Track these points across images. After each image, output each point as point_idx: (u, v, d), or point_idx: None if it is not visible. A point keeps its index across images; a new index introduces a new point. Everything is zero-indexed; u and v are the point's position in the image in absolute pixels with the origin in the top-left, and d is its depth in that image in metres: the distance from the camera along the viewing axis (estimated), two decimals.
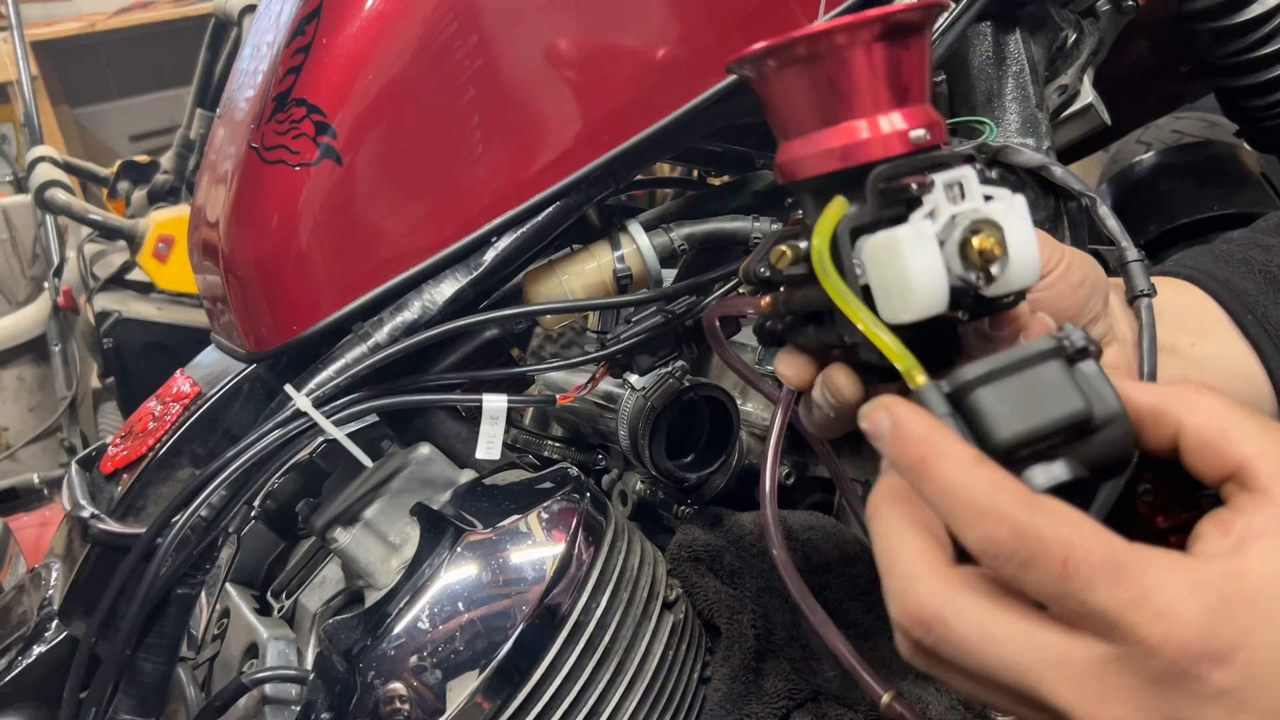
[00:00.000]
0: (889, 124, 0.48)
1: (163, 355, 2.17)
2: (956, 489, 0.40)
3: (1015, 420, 0.41)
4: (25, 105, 3.05)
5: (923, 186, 0.46)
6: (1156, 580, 0.38)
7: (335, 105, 0.67)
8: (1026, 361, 0.42)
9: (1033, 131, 1.03)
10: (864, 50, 0.47)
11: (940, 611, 0.40)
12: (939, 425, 0.41)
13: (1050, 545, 0.38)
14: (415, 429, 0.79)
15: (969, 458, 0.40)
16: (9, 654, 0.70)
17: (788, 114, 0.50)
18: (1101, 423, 0.42)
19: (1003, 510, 0.39)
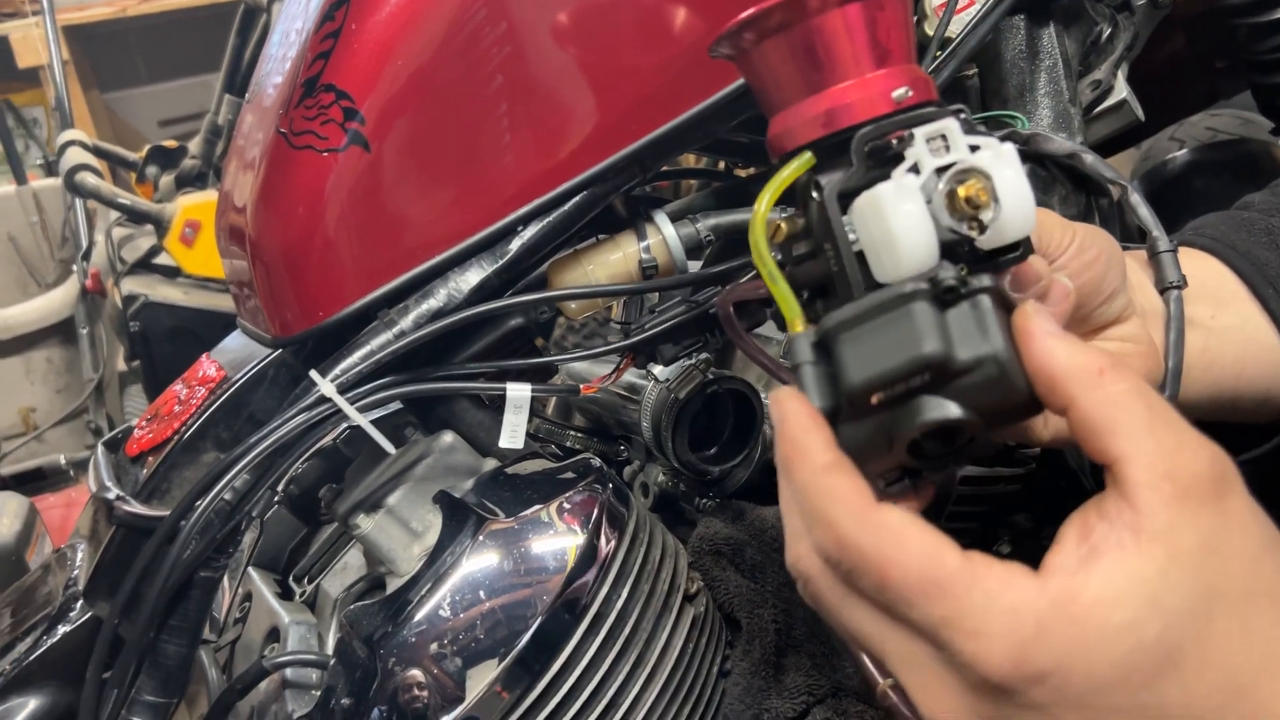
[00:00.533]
0: (870, 85, 0.47)
1: (188, 339, 2.18)
2: (803, 492, 0.42)
3: (863, 365, 0.42)
4: (56, 89, 3.08)
5: (903, 141, 0.45)
6: (976, 601, 0.39)
7: (364, 91, 0.67)
8: (888, 304, 0.42)
9: (1065, 127, 1.02)
10: (838, 13, 0.46)
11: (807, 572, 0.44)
12: (809, 426, 0.42)
13: (869, 560, 0.40)
14: (438, 417, 0.79)
15: (821, 464, 0.42)
16: (34, 633, 0.70)
17: (770, 88, 0.50)
18: (968, 365, 0.41)
19: (832, 520, 0.41)
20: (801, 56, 0.47)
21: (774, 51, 0.48)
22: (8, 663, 0.69)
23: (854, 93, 0.47)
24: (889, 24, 0.47)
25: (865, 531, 0.40)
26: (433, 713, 0.66)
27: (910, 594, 0.40)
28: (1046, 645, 0.38)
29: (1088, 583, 0.38)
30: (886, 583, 0.40)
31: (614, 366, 0.81)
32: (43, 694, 0.69)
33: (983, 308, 0.42)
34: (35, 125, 4.22)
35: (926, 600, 0.39)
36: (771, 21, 0.47)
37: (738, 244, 0.91)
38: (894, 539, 0.40)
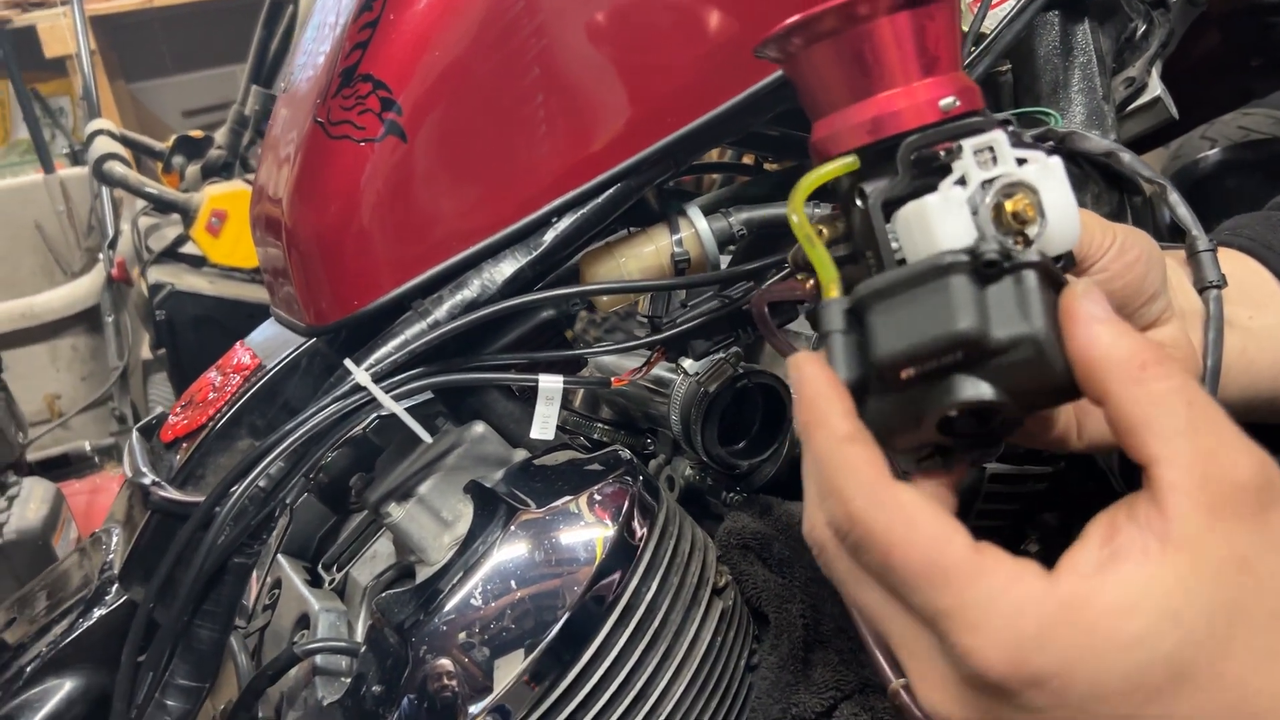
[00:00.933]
0: (918, 94, 0.47)
1: (213, 328, 2.20)
2: (820, 460, 0.42)
3: (894, 339, 0.41)
4: (84, 79, 3.10)
5: (951, 153, 0.45)
6: (979, 595, 0.38)
7: (401, 81, 0.67)
8: (925, 275, 0.41)
9: (1098, 124, 1.01)
10: (887, 20, 0.46)
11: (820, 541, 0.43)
12: (828, 393, 0.42)
13: (876, 538, 0.39)
14: (469, 407, 0.79)
15: (840, 434, 0.41)
16: (70, 615, 0.71)
17: (817, 92, 0.50)
18: (1004, 345, 0.40)
19: (844, 493, 0.40)
20: (849, 62, 0.47)
21: (821, 57, 0.48)
22: (44, 645, 0.70)
23: (901, 101, 0.46)
24: (938, 32, 0.47)
25: (875, 509, 0.40)
26: (462, 702, 0.67)
27: (912, 578, 0.39)
28: (1047, 649, 0.37)
29: (1103, 588, 0.37)
30: (890, 563, 0.39)
31: (644, 360, 0.81)
32: (78, 676, 0.69)
33: (1026, 285, 0.40)
34: (61, 114, 4.25)
35: (928, 587, 0.39)
36: (821, 27, 0.47)
37: (770, 239, 0.91)
38: (903, 519, 0.39)
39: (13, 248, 3.56)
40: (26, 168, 4.02)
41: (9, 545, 1.84)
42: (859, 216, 0.48)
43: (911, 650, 0.41)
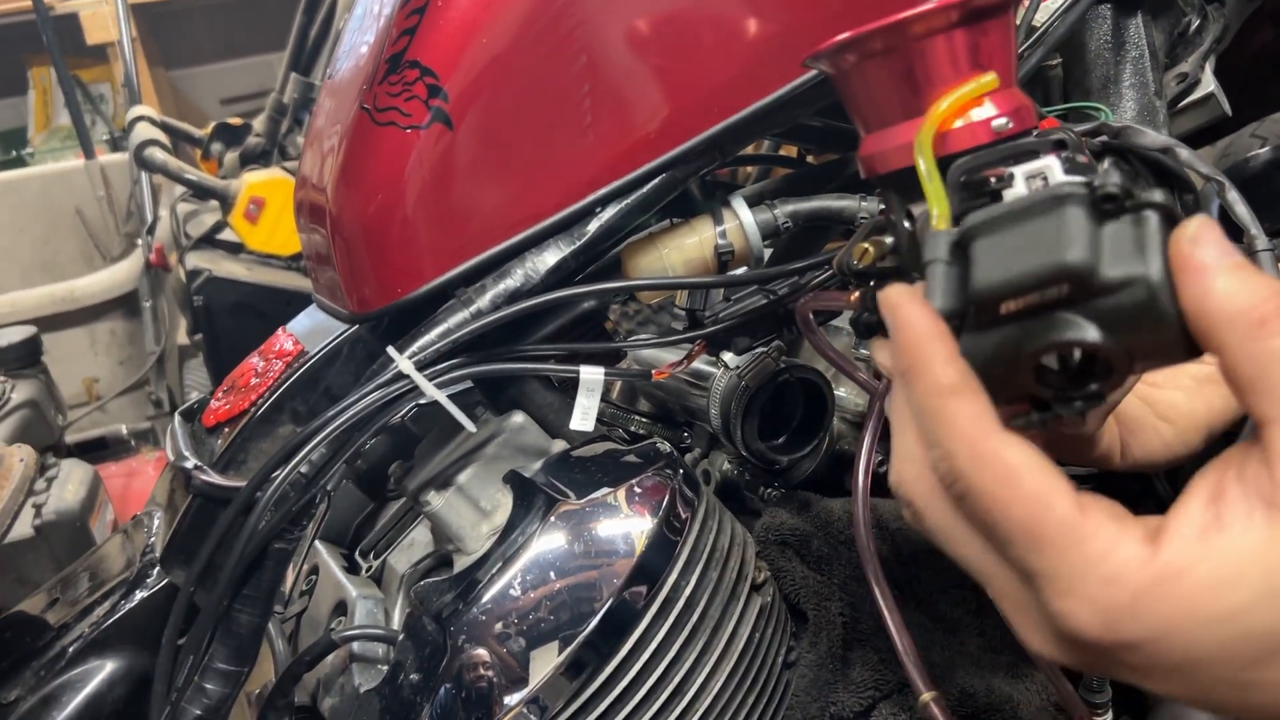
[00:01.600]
0: (970, 114, 0.46)
1: (250, 314, 2.21)
2: (923, 411, 0.41)
3: (996, 268, 0.39)
4: (125, 66, 3.13)
5: (1002, 180, 0.43)
6: (1072, 561, 0.38)
7: (448, 68, 0.67)
8: (1041, 206, 0.39)
9: (1150, 120, 1.00)
10: (942, 39, 0.45)
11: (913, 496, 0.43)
12: (931, 335, 0.41)
13: (978, 495, 0.39)
14: (509, 397, 0.79)
15: (943, 385, 0.40)
16: (112, 597, 0.71)
17: (867, 107, 0.49)
18: (1113, 284, 0.37)
19: (947, 447, 0.40)
20: (901, 80, 0.46)
21: (874, 73, 0.47)
22: (86, 625, 0.70)
23: (953, 120, 0.45)
24: (992, 48, 0.46)
25: (979, 466, 0.39)
26: (499, 693, 0.66)
27: (1013, 536, 0.39)
28: (1141, 618, 0.37)
29: (1204, 558, 0.36)
30: (990, 518, 0.39)
31: (683, 353, 0.81)
32: (119, 657, 0.70)
33: (1148, 225, 0.38)
34: (102, 101, 4.29)
35: (1027, 548, 0.38)
36: (874, 44, 0.46)
37: (813, 231, 0.90)
38: (1006, 478, 0.39)
39: (54, 232, 3.61)
40: (68, 153, 4.06)
41: (48, 526, 1.86)
42: (907, 237, 0.48)
43: (1010, 597, 0.41)
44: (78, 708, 0.68)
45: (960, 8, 0.44)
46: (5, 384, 2.08)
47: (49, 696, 0.68)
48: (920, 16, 0.44)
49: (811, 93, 0.73)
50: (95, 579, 0.75)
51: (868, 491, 0.62)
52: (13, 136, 4.47)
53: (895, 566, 0.82)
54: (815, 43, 0.73)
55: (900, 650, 0.55)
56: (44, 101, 4.44)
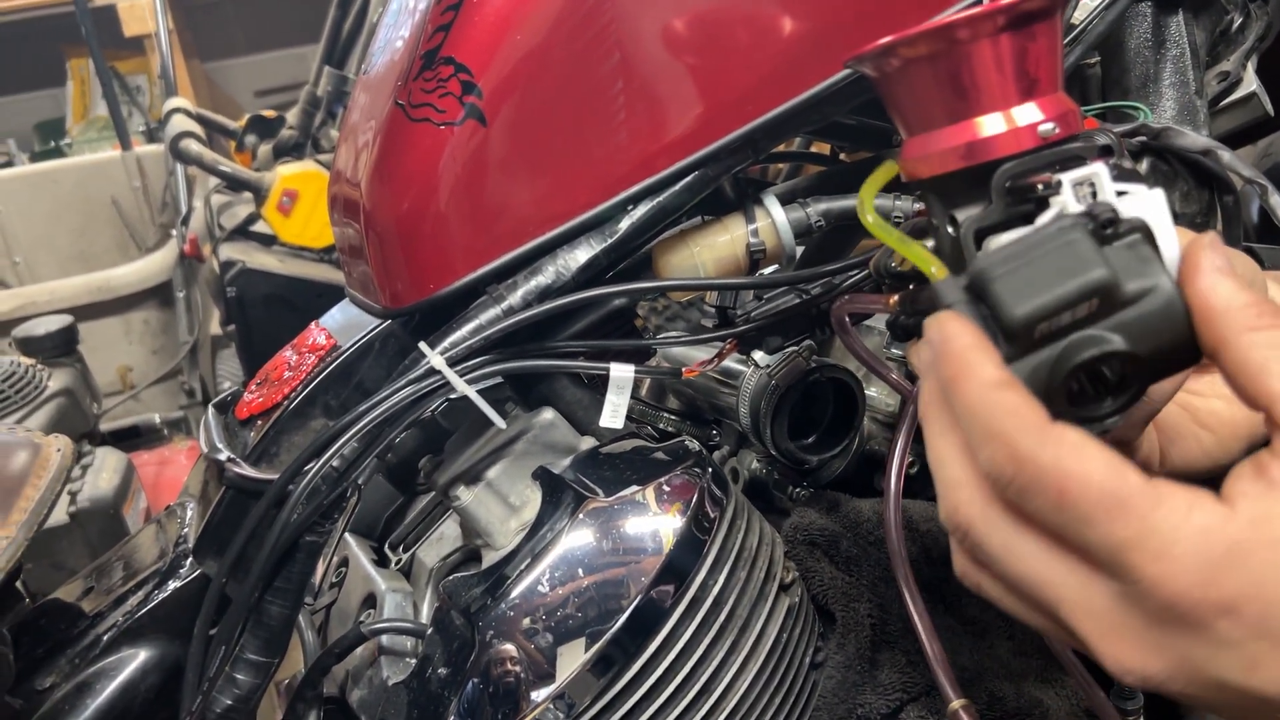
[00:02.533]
0: (1015, 119, 0.45)
1: (282, 306, 2.23)
2: (974, 409, 0.40)
3: (1026, 296, 0.40)
4: (161, 58, 3.16)
5: (1049, 187, 0.43)
6: (1161, 521, 0.36)
7: (483, 65, 0.67)
8: (1045, 240, 0.41)
9: (1190, 119, 0.98)
10: (989, 43, 0.44)
11: (970, 519, 0.41)
12: (977, 345, 0.41)
13: (1047, 475, 0.38)
14: (539, 393, 0.79)
15: (992, 380, 0.40)
16: (145, 586, 0.72)
17: (910, 110, 0.48)
18: (1135, 294, 0.40)
19: (1007, 435, 0.39)
20: (946, 84, 0.45)
21: (918, 77, 0.46)
22: (120, 614, 0.71)
23: (998, 125, 0.45)
24: (1039, 53, 0.45)
25: (1044, 445, 0.38)
26: (526, 689, 0.67)
27: (1091, 510, 0.37)
28: (1240, 568, 0.36)
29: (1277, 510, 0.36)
30: (1065, 498, 0.38)
31: (714, 351, 0.80)
32: (152, 646, 0.71)
33: (1140, 244, 0.41)
34: (139, 92, 4.34)
35: (1108, 517, 0.37)
36: (919, 48, 0.45)
37: (846, 230, 0.89)
38: (1074, 452, 0.38)
39: (90, 222, 3.65)
40: (104, 144, 4.11)
41: (82, 513, 1.89)
42: (949, 243, 0.47)
43: (1090, 608, 0.39)
44: (111, 696, 0.69)
45: (1007, 12, 0.44)
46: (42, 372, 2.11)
47: (83, 684, 0.69)
48: (967, 21, 0.43)
49: (846, 90, 0.72)
50: (129, 568, 0.76)
51: (900, 494, 0.61)
52: (51, 127, 4.54)
53: (924, 568, 0.81)
54: (851, 40, 0.72)
55: (930, 656, 0.55)
56: (82, 93, 4.49)
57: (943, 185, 0.48)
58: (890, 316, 0.58)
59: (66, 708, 0.68)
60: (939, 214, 0.48)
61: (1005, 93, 0.45)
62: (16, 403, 1.99)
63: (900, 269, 0.54)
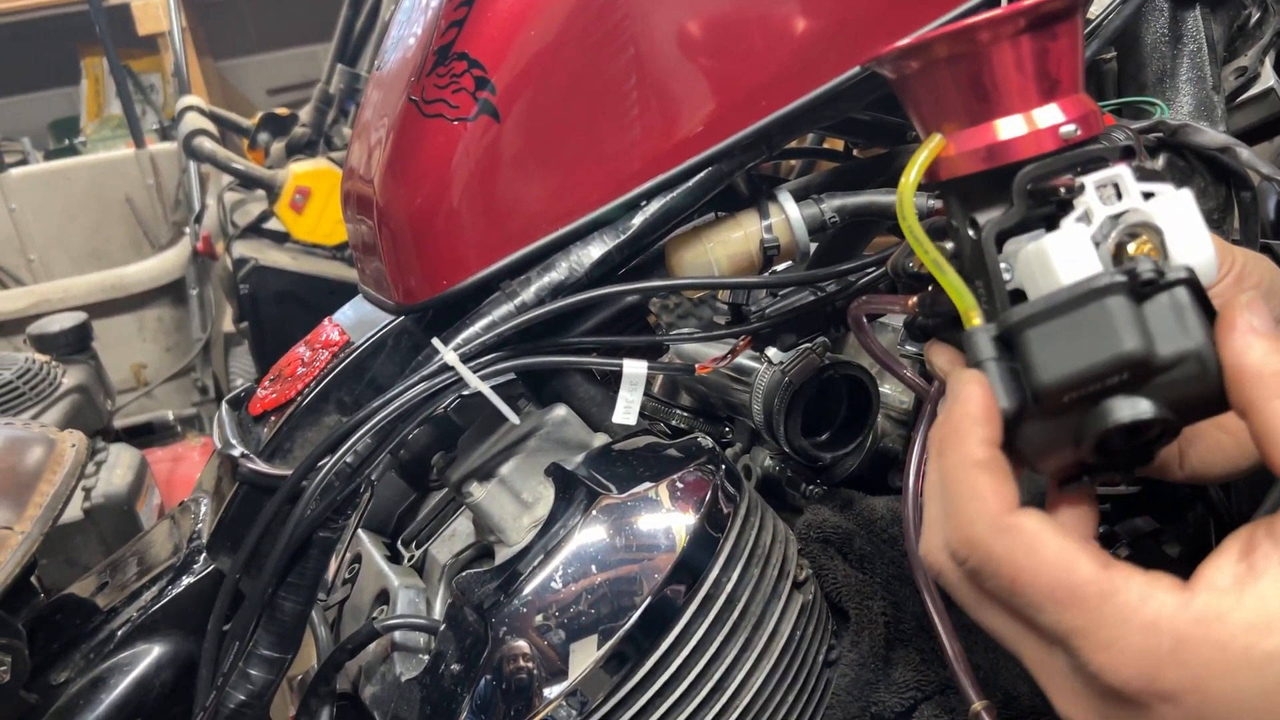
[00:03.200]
0: (1037, 120, 0.45)
1: (294, 303, 2.23)
2: (947, 480, 0.42)
3: (1057, 364, 0.40)
4: (175, 56, 3.17)
5: (1072, 190, 0.43)
6: (1108, 613, 0.38)
7: (496, 60, 0.67)
8: (1083, 298, 0.40)
9: (1207, 115, 0.97)
10: (1009, 45, 0.44)
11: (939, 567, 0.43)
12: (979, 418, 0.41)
13: (1000, 564, 0.40)
14: (551, 390, 0.79)
15: (972, 459, 0.41)
16: (159, 582, 0.72)
17: (930, 113, 0.48)
18: (1169, 362, 0.40)
19: (967, 518, 0.41)
20: (966, 86, 0.45)
21: (937, 79, 0.46)
22: (134, 610, 0.71)
23: (1019, 127, 0.45)
24: (1060, 53, 0.45)
25: (998, 535, 0.40)
26: (539, 685, 0.67)
27: (1040, 600, 0.39)
28: (1182, 665, 0.37)
29: (1240, 603, 0.37)
30: (1015, 587, 0.39)
31: (727, 347, 0.80)
32: (166, 642, 0.71)
33: (1181, 300, 0.40)
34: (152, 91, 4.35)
35: (1057, 607, 0.38)
36: (940, 51, 0.45)
37: (859, 226, 0.89)
38: (1027, 545, 0.39)
39: (104, 220, 3.67)
40: (118, 142, 4.13)
41: (97, 509, 1.90)
42: (970, 246, 0.47)
43: (1043, 666, 0.41)
44: (125, 691, 0.69)
45: (1028, 14, 0.43)
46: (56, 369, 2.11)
47: (97, 679, 0.69)
48: (988, 23, 0.43)
49: (861, 86, 0.72)
50: (143, 564, 0.76)
51: (918, 492, 0.61)
52: (66, 125, 4.56)
53: None
54: (865, 35, 0.72)
55: (950, 655, 0.55)
56: (96, 91, 4.51)
57: (963, 187, 0.48)
58: (908, 317, 0.57)
59: (81, 703, 0.68)
60: (959, 216, 0.48)
61: (1026, 94, 0.45)
62: (31, 399, 2.00)
63: (918, 270, 0.54)
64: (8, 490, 0.70)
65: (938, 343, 0.55)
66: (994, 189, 0.46)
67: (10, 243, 3.58)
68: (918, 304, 0.55)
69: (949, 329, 0.54)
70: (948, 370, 0.54)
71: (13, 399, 1.97)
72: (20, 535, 0.67)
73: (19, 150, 4.17)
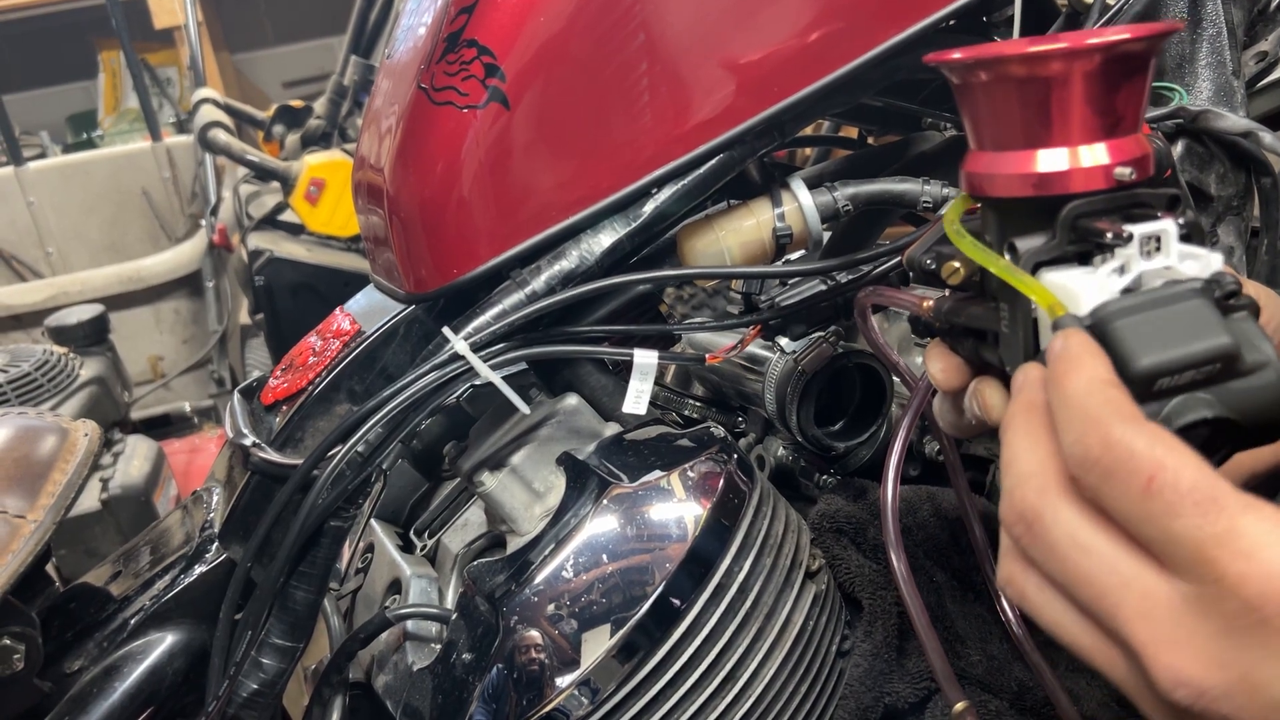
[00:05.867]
0: (1093, 157, 0.44)
1: (309, 295, 2.24)
2: (1076, 397, 0.40)
3: (1154, 349, 0.40)
4: (191, 49, 3.18)
5: (1118, 238, 0.43)
6: (1249, 522, 0.35)
7: (506, 47, 0.67)
8: (1172, 298, 0.41)
9: (1226, 100, 0.96)
10: (1081, 78, 0.43)
11: (1039, 508, 0.40)
12: (1095, 352, 0.41)
13: (1138, 461, 0.37)
14: (563, 379, 0.79)
15: (1102, 377, 0.40)
16: (172, 571, 0.73)
17: (986, 125, 0.47)
18: (1250, 366, 0.41)
19: (1105, 420, 0.38)
20: (1031, 109, 0.44)
21: (1003, 96, 0.45)
22: (147, 599, 0.71)
23: (1073, 162, 0.44)
24: (1129, 92, 0.44)
25: (1140, 433, 0.38)
26: (550, 674, 0.66)
27: (1179, 500, 0.36)
28: None
29: None
30: (1153, 485, 0.37)
31: (739, 336, 0.80)
32: (179, 630, 0.71)
33: (1250, 321, 0.42)
34: (169, 84, 4.37)
35: (1197, 510, 0.36)
36: (1011, 69, 0.44)
37: (873, 214, 0.88)
38: (1170, 445, 0.37)
39: (121, 213, 3.69)
40: (135, 135, 4.15)
41: (114, 500, 1.91)
42: None
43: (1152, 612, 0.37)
44: (138, 679, 0.69)
45: (1108, 50, 0.42)
46: (74, 361, 2.13)
47: (111, 667, 0.69)
48: (1065, 54, 0.42)
49: (874, 73, 0.71)
50: (156, 553, 0.76)
51: (899, 479, 0.61)
52: (83, 119, 4.58)
53: (955, 556, 0.80)
54: (879, 20, 0.71)
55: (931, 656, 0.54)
56: (113, 85, 4.54)
57: (1005, 207, 0.47)
58: (915, 313, 0.57)
59: (94, 691, 0.69)
60: (994, 234, 0.48)
61: (1088, 128, 0.44)
62: (49, 391, 2.02)
63: (934, 269, 0.53)
64: (20, 479, 0.70)
65: (939, 345, 0.55)
66: (1036, 216, 0.46)
67: (29, 236, 3.61)
68: (934, 309, 0.54)
69: (960, 337, 0.53)
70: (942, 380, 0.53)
71: (31, 390, 1.99)
72: (33, 524, 0.67)
73: (37, 144, 4.20)
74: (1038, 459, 0.41)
